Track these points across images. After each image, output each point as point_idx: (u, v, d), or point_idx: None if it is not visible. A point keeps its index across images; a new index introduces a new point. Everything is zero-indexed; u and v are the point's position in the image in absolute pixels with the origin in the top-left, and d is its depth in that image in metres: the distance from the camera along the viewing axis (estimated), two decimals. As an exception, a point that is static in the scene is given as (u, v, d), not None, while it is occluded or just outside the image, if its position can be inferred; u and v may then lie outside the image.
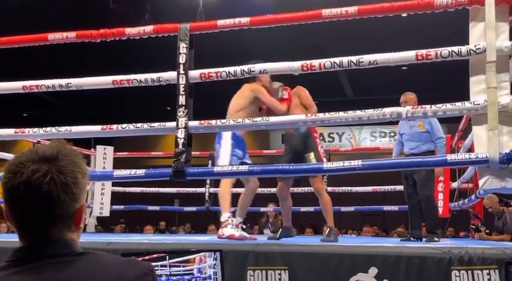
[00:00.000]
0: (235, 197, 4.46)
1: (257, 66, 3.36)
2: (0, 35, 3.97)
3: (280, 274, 2.77)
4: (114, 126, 3.61)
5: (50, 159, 1.11)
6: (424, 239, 4.94)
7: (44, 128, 3.78)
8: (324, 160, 4.47)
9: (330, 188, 7.63)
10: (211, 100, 7.29)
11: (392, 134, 15.32)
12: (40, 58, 9.19)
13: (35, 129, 3.73)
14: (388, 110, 3.08)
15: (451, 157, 3.20)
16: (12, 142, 12.76)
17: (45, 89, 3.69)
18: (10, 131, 3.80)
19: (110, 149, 7.54)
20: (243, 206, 4.45)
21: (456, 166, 5.42)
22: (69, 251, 1.11)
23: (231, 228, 3.94)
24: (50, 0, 8.88)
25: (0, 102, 10.01)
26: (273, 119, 3.41)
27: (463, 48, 3.00)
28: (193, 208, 8.38)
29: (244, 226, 4.63)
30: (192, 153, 3.48)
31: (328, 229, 4.33)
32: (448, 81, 9.80)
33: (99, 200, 7.34)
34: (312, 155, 4.37)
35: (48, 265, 1.08)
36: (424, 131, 5.03)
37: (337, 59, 3.16)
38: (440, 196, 6.53)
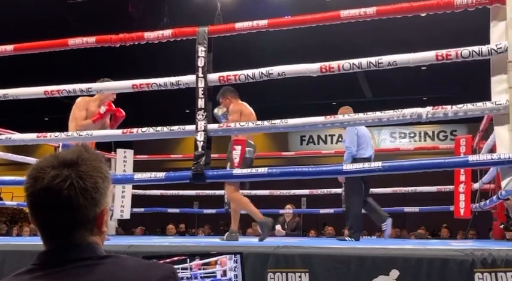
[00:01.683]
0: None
1: (276, 69, 3.36)
2: (21, 40, 4.03)
3: (300, 277, 2.77)
4: (134, 130, 3.64)
5: (70, 164, 1.12)
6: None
7: (65, 132, 3.83)
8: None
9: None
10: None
11: (412, 135, 15.20)
12: (60, 63, 9.30)
13: (57, 134, 3.78)
14: (408, 111, 3.06)
15: (472, 158, 3.16)
16: (34, 146, 12.94)
17: (66, 93, 3.74)
18: (32, 136, 3.85)
19: (130, 153, 7.59)
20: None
21: (478, 166, 5.35)
22: (92, 254, 1.12)
23: None
24: (70, 7, 8.99)
25: (22, 107, 10.18)
26: (291, 121, 3.40)
27: (484, 48, 2.97)
28: (213, 210, 8.40)
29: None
30: (211, 156, 3.50)
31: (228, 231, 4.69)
32: (468, 81, 9.68)
33: (119, 203, 7.39)
34: (227, 166, 4.67)
35: (72, 269, 1.09)
36: (343, 141, 5.49)
37: (356, 61, 3.15)
38: (462, 197, 6.44)
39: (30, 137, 3.89)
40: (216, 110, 4.81)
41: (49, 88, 3.74)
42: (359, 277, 2.68)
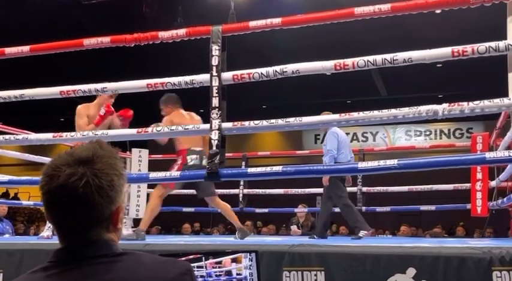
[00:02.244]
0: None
1: (290, 67, 3.35)
2: (36, 41, 4.06)
3: (316, 275, 2.76)
4: (149, 129, 3.66)
5: (85, 162, 1.11)
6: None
7: (80, 132, 3.86)
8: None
9: (364, 189, 7.56)
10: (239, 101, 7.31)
11: (427, 133, 15.08)
12: (72, 64, 9.37)
13: (72, 133, 3.82)
14: (424, 108, 3.03)
15: (489, 155, 3.13)
16: (50, 146, 13.06)
17: (81, 93, 3.76)
18: (49, 136, 3.89)
19: (145, 152, 7.61)
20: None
21: (495, 163, 5.29)
22: (108, 251, 1.12)
23: None
24: (85, 8, 9.05)
25: (38, 107, 10.28)
26: (306, 119, 3.39)
27: (501, 44, 2.93)
28: (228, 209, 8.40)
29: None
30: (226, 154, 3.50)
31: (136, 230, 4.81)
32: (485, 78, 9.58)
33: (135, 202, 7.41)
34: None
35: (88, 266, 1.09)
36: (324, 145, 5.70)
37: (370, 58, 3.12)
38: (479, 195, 6.38)
39: (46, 137, 3.93)
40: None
41: (65, 88, 3.77)
42: (375, 275, 2.67)
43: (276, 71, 3.35)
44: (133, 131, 3.73)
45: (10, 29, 9.69)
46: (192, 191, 7.70)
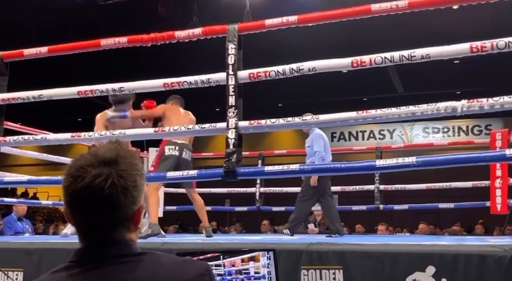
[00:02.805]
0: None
1: (306, 65, 3.34)
2: (53, 42, 4.10)
3: (334, 274, 2.75)
4: (166, 129, 3.67)
5: (109, 163, 1.12)
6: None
7: (98, 132, 3.88)
8: (150, 169, 4.96)
9: (382, 187, 7.52)
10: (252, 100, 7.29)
11: (445, 130, 14.95)
12: (88, 64, 9.45)
13: (90, 133, 3.84)
14: (442, 105, 2.99)
15: (510, 152, 3.08)
16: (68, 146, 13.18)
17: (99, 93, 3.78)
18: (67, 136, 3.92)
19: (161, 151, 7.66)
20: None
21: (515, 160, 5.23)
22: (128, 251, 1.13)
23: None
24: (100, 8, 9.11)
25: (56, 108, 10.39)
26: (323, 117, 3.38)
27: (521, 39, 2.88)
28: (244, 208, 8.42)
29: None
30: (242, 153, 3.50)
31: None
32: (504, 74, 9.45)
33: (152, 201, 7.46)
34: None
35: (109, 265, 1.10)
36: (308, 146, 5.81)
37: (388, 54, 3.09)
38: (498, 192, 6.30)
39: (64, 137, 3.96)
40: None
41: (82, 88, 3.80)
42: (394, 273, 2.65)
43: (292, 69, 3.33)
44: (151, 130, 3.75)
45: (27, 30, 9.81)
46: (209, 190, 7.77)
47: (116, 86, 3.74)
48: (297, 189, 7.70)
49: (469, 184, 7.27)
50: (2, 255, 3.41)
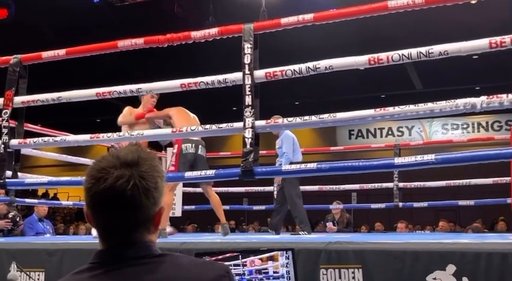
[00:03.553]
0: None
1: (322, 63, 3.32)
2: (69, 44, 4.13)
3: (353, 273, 2.73)
4: (184, 129, 3.68)
5: (131, 164, 1.13)
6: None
7: (117, 133, 3.91)
8: (171, 169, 4.94)
9: (401, 184, 7.46)
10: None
11: (465, 126, 14.77)
12: (105, 65, 9.52)
13: (109, 134, 3.86)
14: (461, 101, 2.96)
15: (531, 148, 3.04)
16: (87, 147, 13.31)
17: (117, 94, 3.80)
18: (86, 137, 3.95)
19: (179, 151, 7.69)
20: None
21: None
22: (148, 253, 1.14)
23: None
24: (116, 9, 9.17)
25: (75, 109, 10.47)
26: (340, 115, 3.36)
27: (542, 33, 2.84)
28: (262, 207, 8.42)
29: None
30: (259, 152, 3.49)
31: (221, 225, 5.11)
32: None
33: (171, 200, 7.50)
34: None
35: (130, 267, 1.11)
36: (279, 147, 5.97)
37: (405, 51, 3.06)
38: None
39: (83, 138, 3.99)
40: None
41: (101, 90, 3.82)
42: (414, 272, 2.62)
43: (309, 67, 3.32)
44: (168, 130, 3.77)
45: (44, 32, 9.90)
46: (227, 189, 7.78)
47: (134, 87, 3.76)
48: (314, 187, 7.71)
49: (489, 181, 7.18)
50: (24, 256, 3.45)
